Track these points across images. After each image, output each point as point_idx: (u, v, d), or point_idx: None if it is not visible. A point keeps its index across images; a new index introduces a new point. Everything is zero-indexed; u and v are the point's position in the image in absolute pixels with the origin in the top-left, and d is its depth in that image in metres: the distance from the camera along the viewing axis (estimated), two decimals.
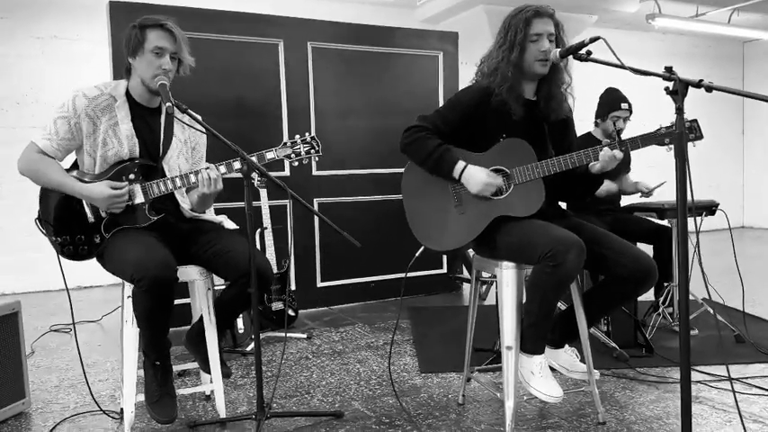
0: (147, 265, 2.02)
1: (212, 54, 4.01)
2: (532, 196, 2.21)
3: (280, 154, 2.37)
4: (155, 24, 2.20)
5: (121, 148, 2.26)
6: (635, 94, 8.30)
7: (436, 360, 3.15)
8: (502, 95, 2.23)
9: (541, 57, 2.20)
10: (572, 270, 2.00)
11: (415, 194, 2.37)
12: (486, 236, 2.25)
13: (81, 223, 2.24)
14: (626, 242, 2.22)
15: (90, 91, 2.26)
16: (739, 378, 2.76)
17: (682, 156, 1.73)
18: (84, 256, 2.26)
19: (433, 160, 2.23)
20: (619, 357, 3.05)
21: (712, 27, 7.32)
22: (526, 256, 2.12)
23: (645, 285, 2.17)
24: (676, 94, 1.72)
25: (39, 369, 3.22)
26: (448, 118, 2.30)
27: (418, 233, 2.34)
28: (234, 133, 4.06)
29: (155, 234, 2.25)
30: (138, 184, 2.25)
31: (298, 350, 3.42)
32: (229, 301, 2.34)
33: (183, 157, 2.42)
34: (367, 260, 4.56)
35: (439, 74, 4.83)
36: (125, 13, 3.77)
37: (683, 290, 1.73)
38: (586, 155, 2.15)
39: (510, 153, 2.24)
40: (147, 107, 2.34)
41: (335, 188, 4.51)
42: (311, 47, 4.35)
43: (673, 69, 1.75)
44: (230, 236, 2.36)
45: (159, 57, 2.20)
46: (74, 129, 2.23)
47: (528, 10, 2.22)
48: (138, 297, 2.07)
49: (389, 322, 4.02)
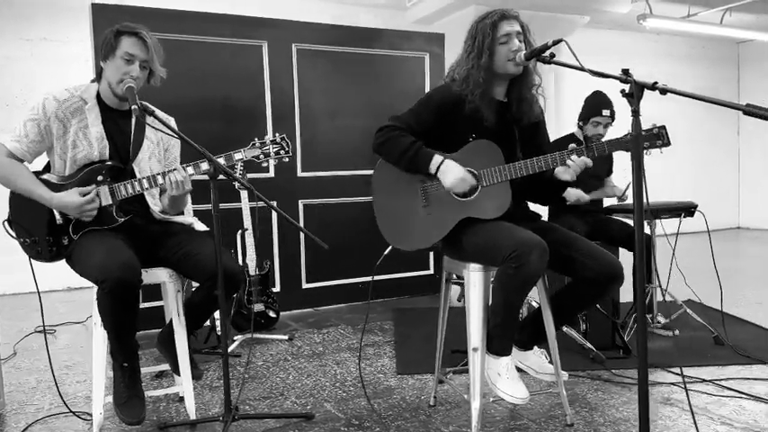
0: (109, 268, 2.02)
1: (196, 56, 4.02)
2: (499, 199, 2.21)
3: (248, 154, 2.38)
4: (129, 32, 2.21)
5: (91, 150, 2.27)
6: None
7: (413, 361, 3.16)
8: (475, 102, 2.23)
9: (512, 56, 2.20)
10: (534, 271, 2.00)
11: (384, 194, 2.37)
12: (454, 237, 2.25)
13: (49, 225, 2.25)
14: (594, 245, 2.22)
15: (60, 94, 2.27)
16: (713, 380, 2.75)
17: (638, 159, 1.73)
18: (53, 257, 2.27)
19: (409, 157, 2.23)
20: (595, 359, 3.05)
21: (704, 28, 7.31)
22: (490, 257, 2.12)
23: (611, 287, 2.17)
24: (632, 96, 1.71)
25: (19, 371, 3.23)
26: (421, 116, 2.30)
27: (386, 233, 2.35)
28: (218, 135, 4.09)
29: (122, 236, 2.26)
30: (106, 186, 2.26)
31: (278, 352, 3.43)
32: (198, 304, 2.35)
33: (155, 158, 2.42)
34: (353, 261, 4.56)
35: (425, 75, 4.84)
36: (108, 16, 3.78)
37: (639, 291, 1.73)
38: (553, 159, 2.15)
39: (478, 154, 2.24)
40: (118, 110, 2.35)
41: (321, 189, 4.51)
42: (296, 48, 4.36)
43: (629, 72, 1.75)
44: (199, 238, 2.36)
45: (128, 63, 2.21)
46: (43, 131, 2.24)
47: (493, 14, 2.23)
48: (102, 299, 2.08)
49: (373, 324, 4.02)
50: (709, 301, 4.01)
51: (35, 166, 2.32)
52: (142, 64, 2.24)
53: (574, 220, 3.50)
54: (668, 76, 8.81)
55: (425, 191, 2.28)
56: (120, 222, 2.28)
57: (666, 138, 2.12)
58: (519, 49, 2.20)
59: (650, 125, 2.10)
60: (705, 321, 3.41)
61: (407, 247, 2.31)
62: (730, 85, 9.36)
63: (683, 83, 8.95)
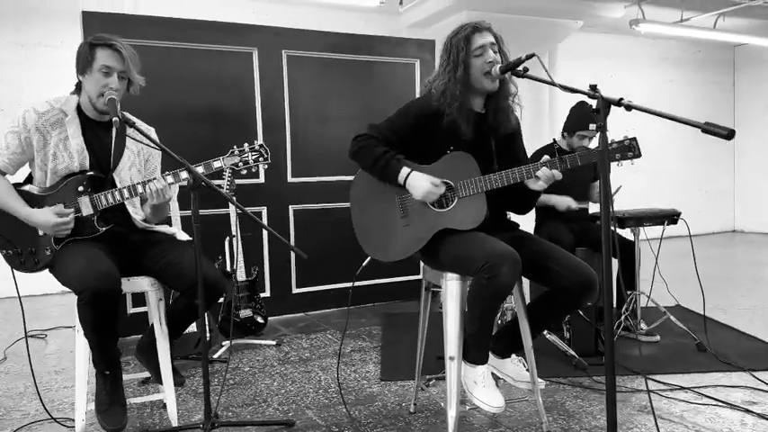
0: (87, 278, 2.06)
1: (186, 63, 4.06)
2: (475, 210, 2.24)
3: (227, 162, 2.40)
4: (103, 44, 2.24)
5: (72, 162, 2.30)
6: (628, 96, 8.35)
7: (398, 367, 3.19)
8: (453, 115, 2.26)
9: (488, 68, 2.23)
10: (506, 282, 2.03)
11: (363, 205, 2.41)
12: (431, 247, 2.28)
13: (32, 236, 2.28)
14: (569, 255, 2.25)
15: (41, 106, 2.30)
16: (691, 387, 2.78)
17: (604, 173, 1.76)
18: (36, 268, 2.31)
19: (380, 166, 2.27)
20: (577, 365, 3.07)
21: (698, 32, 7.33)
22: (464, 268, 2.15)
23: (585, 296, 2.20)
24: (599, 112, 1.74)
25: (8, 375, 3.27)
26: (397, 127, 2.34)
27: (364, 244, 2.38)
28: (208, 142, 4.13)
29: (103, 246, 2.29)
30: (87, 196, 2.29)
31: (265, 357, 3.46)
32: (179, 312, 2.39)
33: (136, 168, 2.46)
34: (343, 266, 4.58)
35: (416, 81, 4.87)
36: (98, 23, 3.82)
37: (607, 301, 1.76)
38: (527, 171, 2.17)
39: (455, 166, 2.27)
40: (98, 121, 2.38)
41: (311, 195, 4.54)
42: (286, 55, 4.39)
43: (597, 87, 1.77)
44: (181, 247, 2.39)
45: (106, 76, 2.24)
46: (24, 143, 2.28)
47: (466, 28, 2.26)
48: (81, 309, 2.11)
49: (361, 329, 4.05)
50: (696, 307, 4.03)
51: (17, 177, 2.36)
52: (120, 75, 2.27)
53: (559, 228, 3.53)
54: (663, 81, 8.84)
55: (403, 202, 2.31)
56: (102, 232, 2.32)
57: (637, 149, 2.15)
58: (494, 60, 2.23)
59: (622, 137, 2.13)
60: (688, 328, 3.44)
61: (385, 259, 2.34)
62: (726, 87, 9.38)
63: (678, 87, 8.99)
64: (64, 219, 2.24)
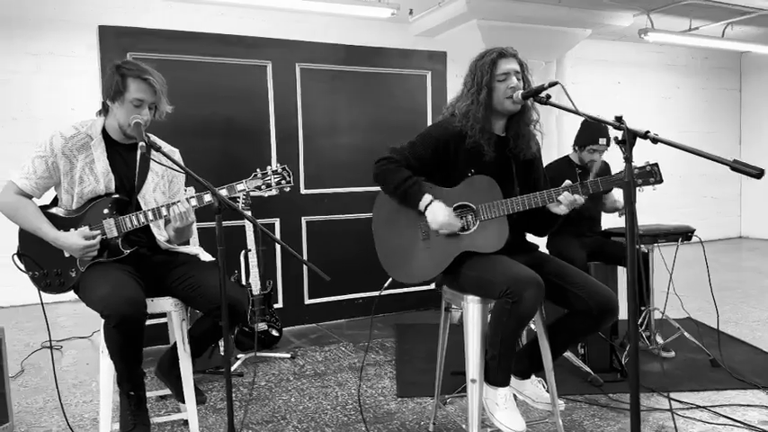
0: (114, 303, 2.08)
1: (201, 76, 4.08)
2: (497, 233, 2.26)
3: (250, 185, 2.42)
4: (137, 76, 2.26)
5: (98, 185, 2.33)
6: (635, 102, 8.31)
7: (414, 384, 3.21)
8: (475, 137, 2.29)
9: (510, 93, 2.26)
10: (529, 308, 2.05)
11: (385, 226, 2.43)
12: (452, 269, 2.30)
13: (58, 258, 2.31)
14: (589, 277, 2.27)
15: (67, 131, 2.33)
16: (707, 406, 2.79)
17: (630, 203, 1.78)
18: (61, 289, 2.33)
19: (402, 191, 2.30)
20: (593, 382, 3.09)
21: (706, 41, 7.34)
22: (487, 291, 2.17)
23: (606, 319, 2.22)
24: (624, 143, 1.76)
25: (26, 389, 3.29)
26: (418, 152, 2.36)
27: (386, 264, 2.40)
28: (222, 155, 4.16)
29: (128, 267, 2.32)
30: (113, 219, 2.32)
31: (280, 371, 3.48)
32: (202, 333, 2.41)
33: (160, 190, 2.48)
34: (355, 277, 4.61)
35: (427, 93, 4.89)
36: (114, 38, 3.85)
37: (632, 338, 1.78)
38: (549, 195, 2.20)
39: (477, 189, 2.30)
40: (123, 144, 2.41)
41: (323, 206, 4.57)
42: (299, 68, 4.41)
43: (622, 119, 1.79)
44: (204, 268, 2.41)
45: (138, 108, 2.27)
46: (51, 168, 2.31)
47: (492, 52, 2.29)
48: (109, 332, 2.14)
49: (375, 341, 4.07)
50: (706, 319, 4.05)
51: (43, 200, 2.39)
52: (150, 106, 2.30)
53: (571, 242, 3.55)
54: (670, 87, 8.85)
55: (425, 225, 2.33)
56: (126, 254, 2.34)
57: (659, 175, 2.17)
58: (516, 86, 2.25)
59: (644, 163, 2.15)
60: (702, 343, 3.45)
61: (407, 280, 2.36)
62: (733, 94, 9.38)
63: (685, 93, 8.99)
64: (91, 242, 2.27)
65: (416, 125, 4.81)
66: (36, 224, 2.28)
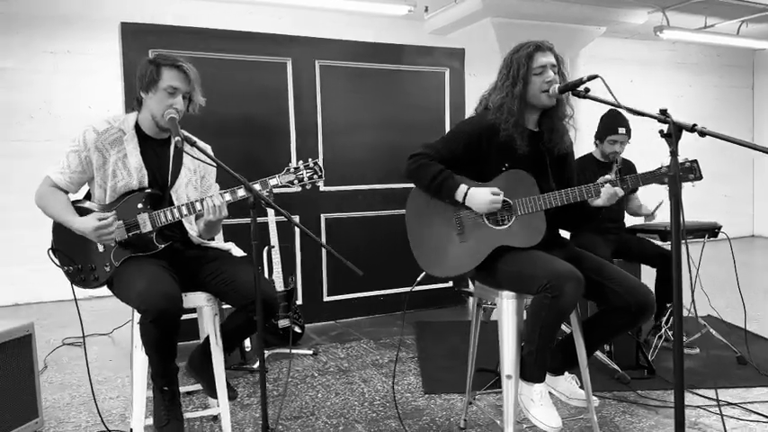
0: (151, 298, 2.08)
1: (221, 73, 4.08)
2: (534, 228, 2.25)
3: (283, 180, 2.41)
4: (171, 64, 2.26)
5: (131, 179, 2.33)
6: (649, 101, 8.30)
7: (440, 380, 3.20)
8: (509, 131, 2.27)
9: (546, 87, 2.25)
10: (570, 302, 2.04)
11: (419, 221, 2.42)
12: (487, 264, 2.30)
13: (92, 252, 2.31)
14: (624, 273, 2.26)
15: (100, 125, 2.33)
16: (738, 403, 2.78)
17: (676, 198, 1.77)
18: (94, 284, 2.33)
19: (437, 185, 2.29)
20: (620, 379, 3.08)
21: (721, 38, 7.31)
22: (525, 287, 2.16)
23: (642, 317, 2.21)
24: (671, 136, 1.75)
25: (51, 385, 3.30)
26: (451, 147, 2.35)
27: (420, 259, 2.39)
28: (242, 152, 4.16)
29: (163, 262, 2.31)
30: (146, 213, 2.31)
31: (304, 368, 3.48)
32: (235, 328, 2.40)
33: (192, 185, 2.48)
34: (373, 275, 4.60)
35: (445, 90, 4.88)
36: (136, 35, 3.85)
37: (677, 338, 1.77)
38: (588, 190, 2.19)
39: (513, 184, 2.29)
40: (156, 139, 2.40)
41: (343, 204, 4.57)
42: (319, 65, 4.41)
43: (667, 112, 1.78)
44: (237, 263, 2.41)
45: (172, 96, 2.26)
46: (84, 162, 2.31)
47: (529, 45, 2.27)
48: (145, 327, 2.13)
49: (395, 338, 4.07)
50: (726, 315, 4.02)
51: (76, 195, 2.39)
52: (184, 95, 2.29)
53: (596, 240, 3.53)
54: (683, 85, 8.82)
55: (459, 219, 2.32)
56: (161, 249, 2.34)
57: (699, 171, 2.16)
58: (553, 80, 2.24)
59: (683, 159, 2.14)
60: (728, 340, 3.43)
61: (441, 274, 2.35)
62: (745, 92, 9.35)
63: (698, 91, 8.96)
64: (103, 222, 2.24)
65: (434, 123, 4.81)
66: (61, 214, 2.28)
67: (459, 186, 2.27)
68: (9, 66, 5.41)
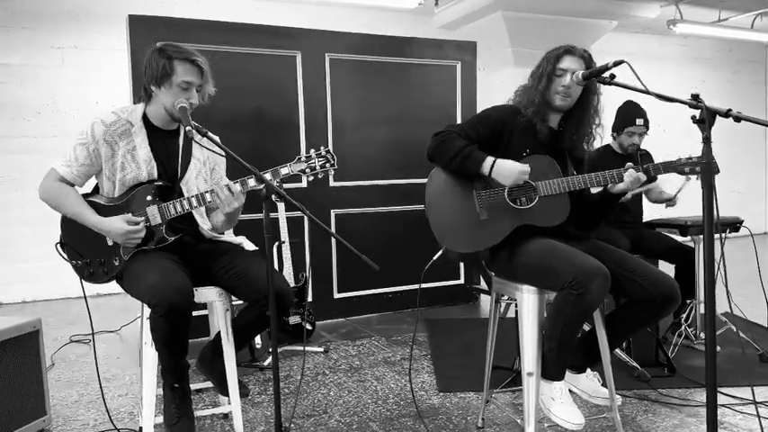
0: (163, 292, 2.01)
1: (230, 66, 4.02)
2: (557, 208, 2.23)
3: (294, 169, 2.35)
4: (185, 58, 2.20)
5: (140, 172, 2.27)
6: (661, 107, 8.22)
7: (454, 378, 3.13)
8: (528, 116, 2.28)
9: (561, 90, 2.25)
10: (596, 299, 1.97)
11: (439, 199, 2.37)
12: (506, 255, 2.23)
13: (101, 246, 2.25)
14: (648, 264, 2.19)
15: (107, 117, 2.27)
16: (765, 402, 2.70)
17: (709, 187, 1.69)
18: (104, 278, 2.27)
19: (461, 158, 2.24)
20: (640, 377, 3.00)
21: (735, 32, 7.21)
22: (547, 282, 2.09)
23: (667, 308, 2.14)
24: (703, 122, 1.67)
25: (59, 383, 3.25)
26: (477, 128, 2.33)
27: (438, 232, 2.34)
28: (251, 146, 4.10)
29: (173, 256, 2.25)
30: (156, 206, 2.25)
31: (315, 365, 3.42)
32: (247, 323, 2.34)
33: (202, 177, 2.42)
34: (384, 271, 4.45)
35: (457, 84, 4.80)
36: (144, 27, 3.80)
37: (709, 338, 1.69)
38: (611, 176, 2.14)
39: (536, 167, 2.23)
40: (164, 130, 2.34)
41: (353, 199, 4.50)
42: (329, 58, 4.34)
43: (699, 97, 1.70)
44: (249, 258, 2.35)
45: (185, 91, 2.21)
46: (92, 155, 2.25)
47: (562, 48, 2.28)
48: (156, 322, 2.07)
49: (406, 335, 4.00)
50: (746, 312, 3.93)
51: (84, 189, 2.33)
52: (197, 88, 2.23)
53: (614, 233, 3.45)
54: (695, 81, 8.70)
55: (481, 197, 2.28)
56: (171, 241, 2.28)
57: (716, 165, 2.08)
58: (568, 86, 2.21)
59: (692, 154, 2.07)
60: (749, 337, 3.35)
61: (457, 248, 2.30)
62: (758, 87, 9.22)
63: (710, 86, 8.84)
64: (135, 227, 2.21)
65: (445, 117, 4.73)
66: (77, 209, 2.22)
67: (486, 158, 2.23)
68: (15, 61, 5.37)
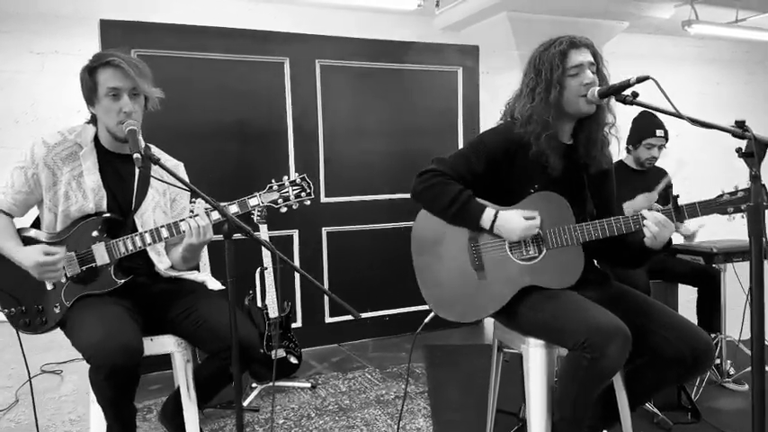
0: (105, 351, 1.71)
1: (212, 74, 3.72)
2: (568, 265, 1.85)
3: (265, 199, 2.04)
4: (101, 63, 1.89)
5: (86, 203, 1.96)
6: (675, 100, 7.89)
7: (452, 423, 2.81)
8: (540, 146, 1.88)
9: (584, 91, 1.85)
10: (614, 365, 1.65)
11: (428, 252, 2.03)
12: (511, 305, 1.91)
13: (39, 291, 1.95)
14: (677, 315, 1.87)
15: (51, 137, 1.97)
16: None
17: (757, 232, 1.37)
18: (42, 328, 1.98)
19: (457, 208, 1.88)
20: (660, 424, 2.67)
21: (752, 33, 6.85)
22: (556, 340, 1.78)
23: (700, 369, 1.82)
24: (752, 156, 1.35)
25: (18, 426, 2.95)
26: (470, 163, 1.93)
27: (430, 299, 2.01)
28: (236, 159, 3.81)
29: (124, 301, 1.95)
30: (103, 243, 1.95)
31: (300, 405, 3.10)
32: (211, 377, 2.03)
33: (161, 209, 2.11)
34: (381, 293, 4.23)
35: (458, 90, 4.49)
36: (118, 33, 3.51)
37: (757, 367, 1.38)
38: (635, 221, 1.78)
39: (543, 209, 1.89)
40: (118, 154, 2.04)
41: (346, 216, 4.18)
42: (319, 64, 4.03)
43: (746, 125, 1.38)
44: (212, 301, 2.04)
45: (116, 99, 1.90)
46: (31, 180, 1.95)
47: (561, 42, 1.87)
48: (97, 384, 1.77)
49: (402, 366, 3.68)
50: None
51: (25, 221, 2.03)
52: (131, 93, 1.92)
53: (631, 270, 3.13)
54: (710, 83, 8.34)
55: (478, 250, 1.93)
56: (120, 285, 1.97)
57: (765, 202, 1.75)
58: (592, 82, 1.84)
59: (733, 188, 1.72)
60: None
61: (456, 318, 1.96)
62: None
63: (726, 88, 8.48)
64: (49, 258, 1.88)
65: (446, 126, 4.42)
66: (3, 242, 1.92)
67: (485, 210, 1.87)
68: None
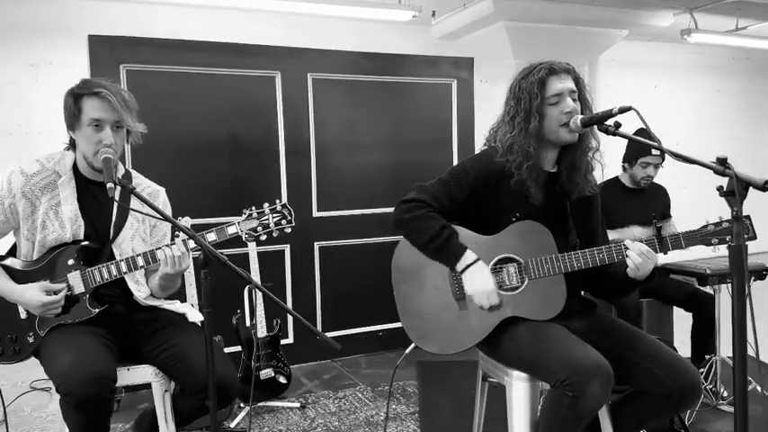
0: (76, 380, 1.68)
1: (203, 89, 3.70)
2: (551, 296, 1.81)
3: (244, 228, 2.01)
4: (89, 92, 1.87)
5: (63, 232, 1.93)
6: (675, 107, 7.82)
7: None
8: (522, 176, 1.84)
9: (566, 119, 1.80)
10: (595, 404, 1.61)
11: (408, 281, 2.00)
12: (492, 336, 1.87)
13: (12, 320, 1.92)
14: (662, 346, 1.82)
15: (30, 166, 1.94)
16: None
17: (740, 276, 1.33)
18: (15, 358, 1.94)
19: (437, 246, 1.85)
20: None
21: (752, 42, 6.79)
22: (538, 375, 1.74)
23: (686, 405, 1.79)
24: (733, 195, 1.31)
25: None
26: (451, 192, 1.89)
27: (410, 331, 1.98)
28: (227, 175, 3.79)
29: (99, 330, 1.92)
30: (78, 272, 1.91)
31: (288, 426, 3.07)
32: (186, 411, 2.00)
33: (140, 237, 2.07)
34: (374, 308, 4.19)
35: (453, 103, 4.46)
36: (106, 48, 3.50)
37: None
38: (618, 251, 1.74)
39: (525, 239, 1.85)
40: (97, 182, 2.01)
41: (339, 230, 4.15)
42: (311, 78, 4.00)
43: (727, 162, 1.34)
44: (191, 335, 1.99)
45: (98, 130, 1.87)
46: (7, 210, 1.92)
47: (540, 69, 1.82)
48: (68, 413, 1.74)
49: (394, 384, 3.63)
50: None
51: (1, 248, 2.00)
52: (114, 126, 1.89)
53: None
54: (709, 90, 8.28)
55: (459, 281, 1.89)
56: (95, 314, 1.94)
57: (752, 230, 1.71)
58: (573, 110, 1.80)
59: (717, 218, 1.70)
60: None
61: (437, 351, 1.93)
62: None
63: (725, 96, 8.41)
64: (53, 298, 1.88)
65: (440, 140, 4.38)
66: None
67: (465, 253, 1.83)
68: None
